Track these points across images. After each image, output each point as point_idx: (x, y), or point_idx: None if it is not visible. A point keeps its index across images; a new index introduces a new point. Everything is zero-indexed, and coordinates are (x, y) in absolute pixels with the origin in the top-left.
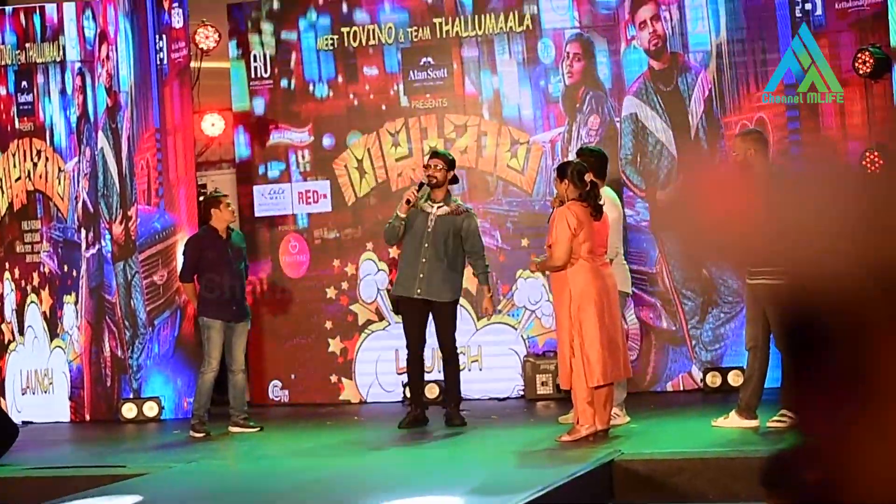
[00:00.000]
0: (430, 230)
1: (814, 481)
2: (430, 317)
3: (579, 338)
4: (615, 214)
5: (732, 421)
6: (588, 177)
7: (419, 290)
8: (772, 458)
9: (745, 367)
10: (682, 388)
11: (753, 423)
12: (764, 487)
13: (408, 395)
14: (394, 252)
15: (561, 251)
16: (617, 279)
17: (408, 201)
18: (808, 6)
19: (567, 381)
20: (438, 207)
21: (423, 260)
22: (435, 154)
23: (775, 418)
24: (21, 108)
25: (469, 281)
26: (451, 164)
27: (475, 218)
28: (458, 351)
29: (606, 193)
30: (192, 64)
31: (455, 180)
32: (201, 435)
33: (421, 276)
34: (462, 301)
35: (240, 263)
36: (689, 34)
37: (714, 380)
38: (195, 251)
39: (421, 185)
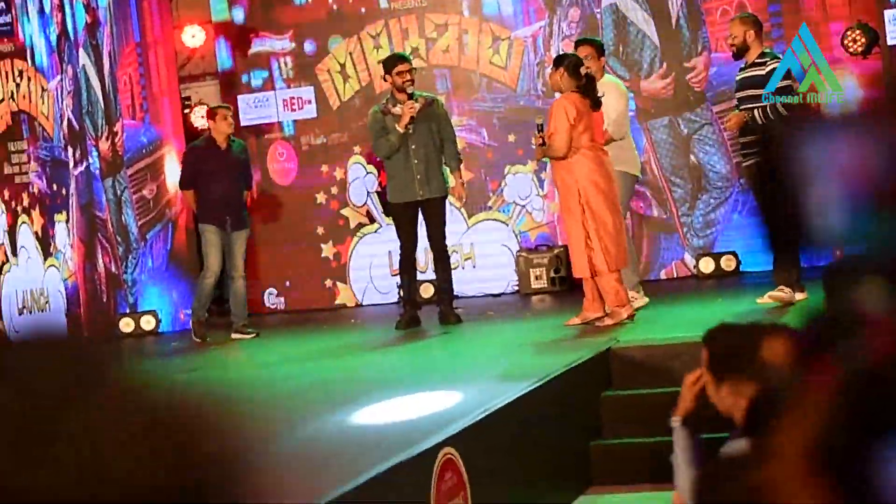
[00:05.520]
0: (411, 131)
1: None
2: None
3: (594, 224)
4: (623, 98)
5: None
6: (584, 69)
7: (421, 193)
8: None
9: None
10: (675, 276)
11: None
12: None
13: (401, 295)
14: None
15: (561, 141)
16: (626, 162)
17: (412, 119)
18: None
19: (584, 269)
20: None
21: (416, 161)
22: (401, 59)
23: (774, 293)
24: (0, 29)
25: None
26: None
27: (442, 103)
28: (451, 249)
29: (610, 80)
30: None
31: None
32: (199, 339)
33: (418, 177)
34: (451, 200)
35: (239, 173)
36: None
37: (707, 265)
38: (191, 160)
39: (411, 95)
